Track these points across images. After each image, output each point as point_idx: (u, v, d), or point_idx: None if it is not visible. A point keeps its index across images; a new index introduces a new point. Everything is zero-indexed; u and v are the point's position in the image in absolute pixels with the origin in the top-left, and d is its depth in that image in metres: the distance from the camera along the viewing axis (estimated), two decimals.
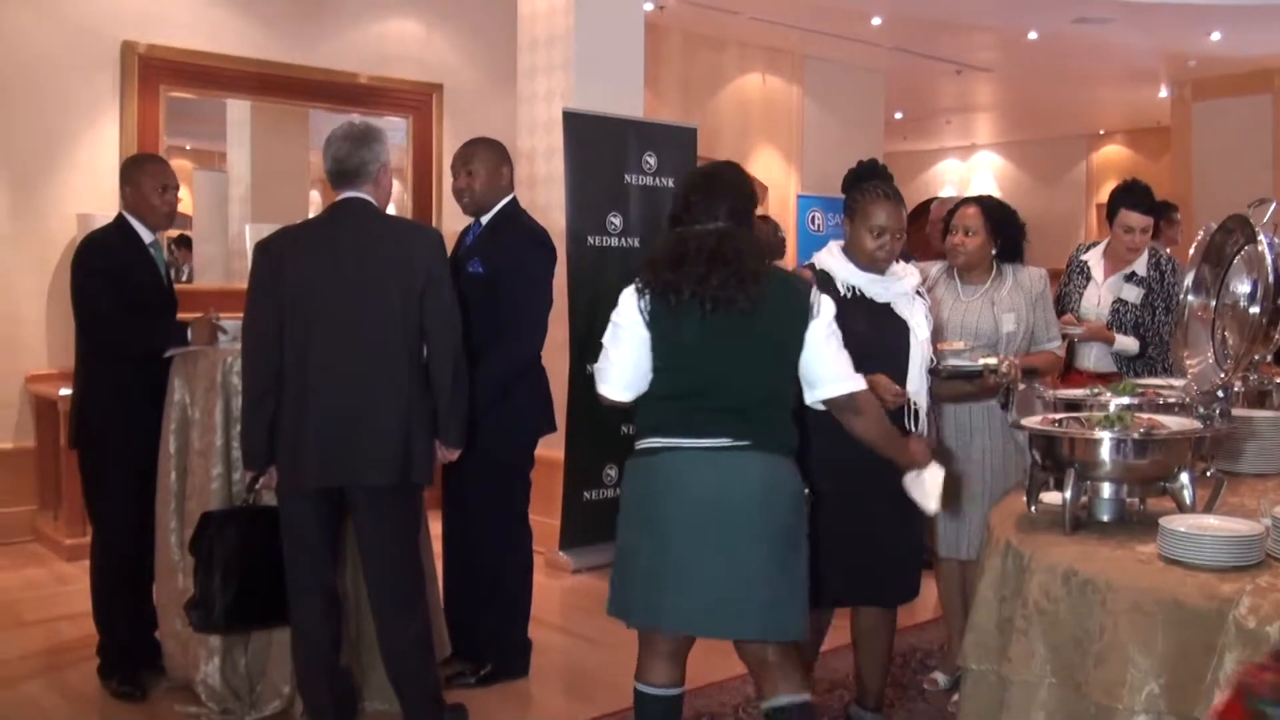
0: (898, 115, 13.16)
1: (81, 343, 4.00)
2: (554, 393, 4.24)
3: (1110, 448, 2.41)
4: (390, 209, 3.55)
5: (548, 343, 4.12)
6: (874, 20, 9.22)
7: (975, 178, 15.71)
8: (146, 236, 4.01)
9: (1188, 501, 2.41)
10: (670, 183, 5.84)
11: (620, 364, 2.82)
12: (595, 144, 5.76)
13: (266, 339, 3.24)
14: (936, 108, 13.45)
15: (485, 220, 4.08)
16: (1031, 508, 2.60)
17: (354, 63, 7.37)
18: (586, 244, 5.71)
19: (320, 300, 3.22)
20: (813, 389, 2.83)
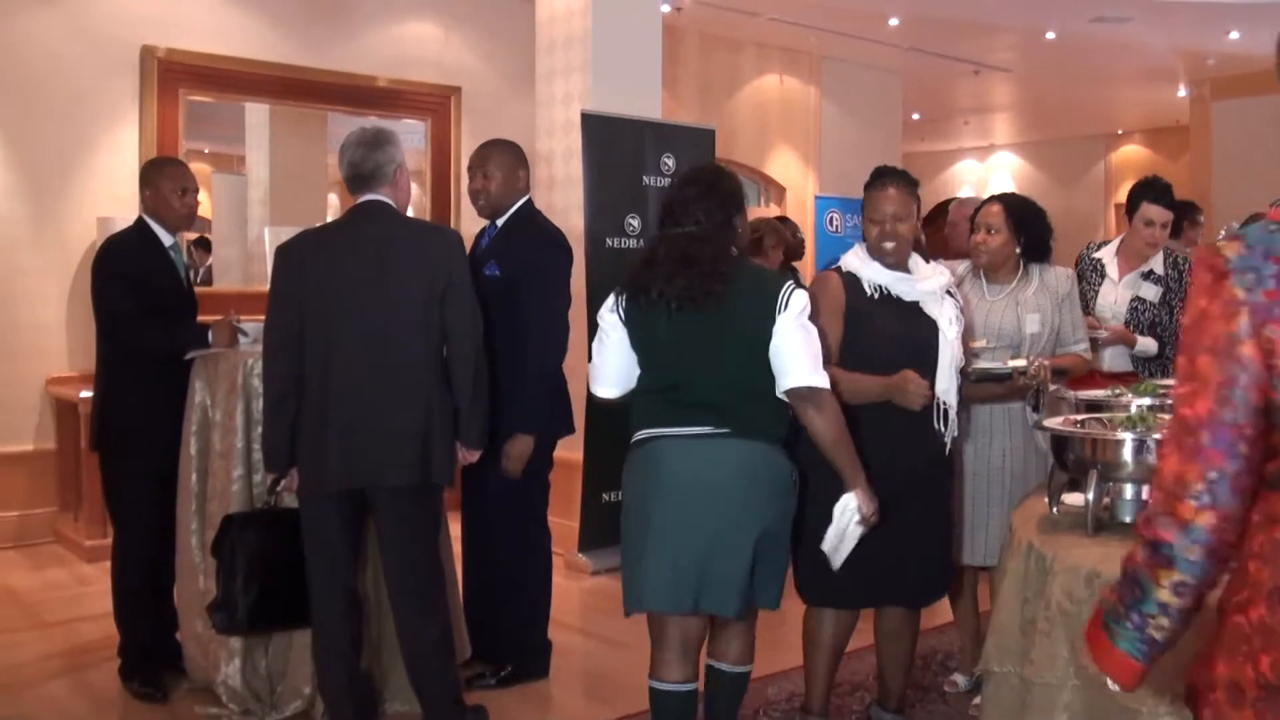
0: (915, 116, 13.13)
1: (102, 345, 4.01)
2: (573, 395, 4.24)
3: (1132, 448, 2.40)
4: (409, 211, 3.56)
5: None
6: (892, 21, 9.20)
7: (993, 178, 15.64)
8: (166, 239, 4.03)
9: None
10: None
11: (604, 362, 3.05)
12: (613, 146, 5.76)
13: (288, 341, 3.25)
14: (954, 108, 13.41)
15: (500, 223, 4.07)
16: (1053, 509, 2.59)
17: (372, 66, 7.39)
18: (605, 246, 5.71)
19: (341, 303, 3.23)
20: (779, 380, 2.90)
